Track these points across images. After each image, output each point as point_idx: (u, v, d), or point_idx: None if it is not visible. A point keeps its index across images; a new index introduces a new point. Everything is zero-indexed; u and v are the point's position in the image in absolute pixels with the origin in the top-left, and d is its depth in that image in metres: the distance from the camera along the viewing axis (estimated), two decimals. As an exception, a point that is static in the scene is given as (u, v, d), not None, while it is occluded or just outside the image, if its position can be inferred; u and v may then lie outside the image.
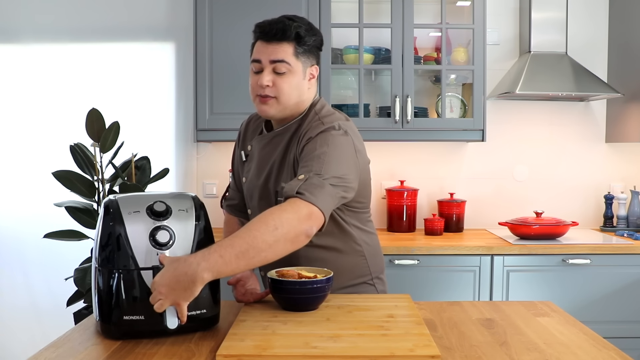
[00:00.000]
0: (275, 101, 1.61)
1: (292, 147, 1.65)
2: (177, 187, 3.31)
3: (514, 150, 3.37)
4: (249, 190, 1.77)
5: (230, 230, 1.86)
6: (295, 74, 1.61)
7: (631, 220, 3.20)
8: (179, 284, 1.24)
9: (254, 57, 1.64)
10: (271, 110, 1.62)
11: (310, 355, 1.18)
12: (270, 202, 1.66)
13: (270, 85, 1.59)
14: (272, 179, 1.67)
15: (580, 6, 3.32)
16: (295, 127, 1.67)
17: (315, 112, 1.67)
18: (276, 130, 1.70)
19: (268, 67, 1.60)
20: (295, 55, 1.60)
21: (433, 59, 3.16)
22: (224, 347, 1.22)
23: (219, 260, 1.26)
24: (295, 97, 1.62)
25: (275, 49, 1.59)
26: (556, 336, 1.39)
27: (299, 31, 1.59)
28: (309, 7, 2.95)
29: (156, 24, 3.26)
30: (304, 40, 1.61)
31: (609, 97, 3.15)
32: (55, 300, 2.99)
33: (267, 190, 1.68)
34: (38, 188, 3.16)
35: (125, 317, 1.31)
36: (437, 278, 2.73)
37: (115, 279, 1.31)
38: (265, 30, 1.60)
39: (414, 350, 1.20)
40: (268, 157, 1.70)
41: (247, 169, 1.77)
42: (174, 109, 3.29)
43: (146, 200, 1.38)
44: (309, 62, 1.64)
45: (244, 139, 1.83)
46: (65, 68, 3.26)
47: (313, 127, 1.61)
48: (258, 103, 1.63)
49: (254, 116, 1.84)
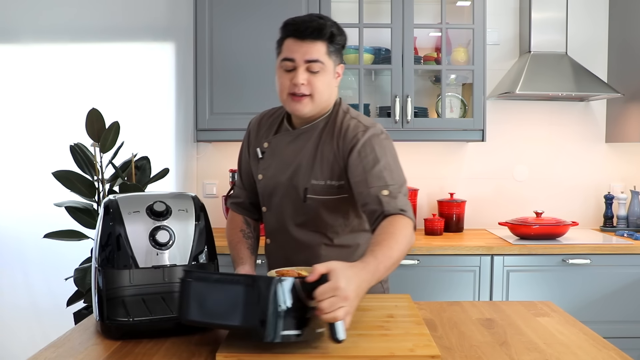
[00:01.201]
0: (310, 100, 1.61)
1: (322, 144, 1.66)
2: (177, 187, 3.30)
3: (514, 150, 3.37)
4: (267, 187, 1.74)
5: (235, 227, 1.82)
6: (327, 72, 1.62)
7: (631, 220, 3.20)
8: (362, 291, 1.23)
9: (286, 55, 1.61)
10: (305, 109, 1.62)
11: (310, 355, 1.18)
12: (296, 199, 1.67)
13: (305, 84, 1.59)
14: (301, 176, 1.67)
15: (580, 6, 3.32)
16: (322, 125, 1.68)
17: (344, 111, 1.70)
18: (303, 127, 1.70)
19: (302, 66, 1.59)
20: (327, 54, 1.61)
21: (433, 59, 3.16)
22: (224, 347, 1.22)
23: (381, 273, 1.31)
24: (327, 95, 1.64)
25: (309, 48, 1.59)
26: (556, 336, 1.39)
27: (332, 30, 1.61)
28: (309, 7, 2.95)
29: (156, 24, 3.26)
30: (336, 40, 1.62)
31: (609, 97, 3.15)
32: (55, 300, 2.99)
33: (294, 187, 1.68)
34: (38, 188, 3.16)
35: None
36: (437, 278, 2.73)
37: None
38: (300, 28, 1.59)
39: (414, 350, 1.20)
40: (294, 153, 1.69)
41: (264, 166, 1.75)
42: (174, 109, 3.29)
43: (146, 200, 1.38)
44: (337, 61, 1.66)
45: (257, 136, 1.80)
46: (65, 68, 3.26)
47: (353, 127, 1.63)
48: (290, 102, 1.62)
49: (265, 114, 1.84)
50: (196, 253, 1.39)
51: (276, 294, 1.15)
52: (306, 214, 1.68)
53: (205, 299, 1.20)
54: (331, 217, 1.68)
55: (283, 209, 1.71)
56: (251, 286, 1.17)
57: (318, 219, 1.68)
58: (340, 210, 1.68)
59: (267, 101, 2.97)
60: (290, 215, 1.71)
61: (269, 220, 1.78)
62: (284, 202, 1.70)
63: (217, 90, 2.98)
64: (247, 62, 2.97)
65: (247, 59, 2.97)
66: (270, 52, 2.99)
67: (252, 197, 1.85)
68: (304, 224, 1.70)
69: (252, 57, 2.96)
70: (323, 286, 1.16)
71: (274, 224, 1.76)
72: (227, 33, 2.97)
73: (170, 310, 1.40)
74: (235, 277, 1.23)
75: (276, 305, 1.15)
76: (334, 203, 1.66)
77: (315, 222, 1.69)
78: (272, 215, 1.76)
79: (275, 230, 1.76)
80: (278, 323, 1.15)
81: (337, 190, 1.65)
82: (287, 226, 1.72)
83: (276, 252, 1.78)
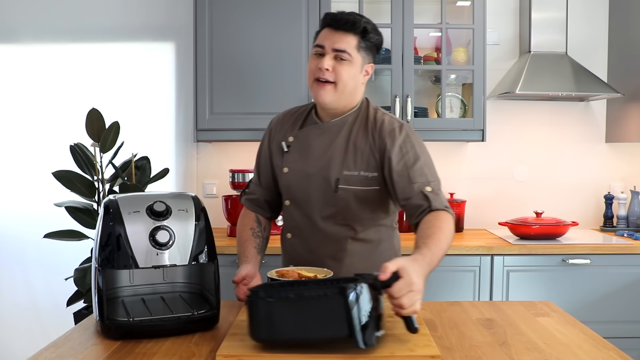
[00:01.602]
0: (333, 87, 1.66)
1: (354, 137, 1.71)
2: (177, 187, 3.30)
3: (514, 150, 3.37)
4: (294, 179, 1.76)
5: (246, 224, 1.83)
6: (354, 65, 1.67)
7: (631, 220, 3.20)
8: (425, 282, 1.31)
9: (318, 42, 1.68)
10: (328, 96, 1.67)
11: (310, 355, 1.18)
12: (326, 190, 1.70)
13: (329, 70, 1.64)
14: (333, 167, 1.70)
15: (580, 6, 3.32)
16: (352, 119, 1.73)
17: (374, 108, 1.77)
18: (332, 121, 1.74)
19: (330, 54, 1.65)
20: (357, 48, 1.66)
21: (433, 59, 3.16)
22: (224, 347, 1.22)
23: (435, 264, 1.40)
24: (351, 86, 1.68)
25: (340, 38, 1.65)
26: (556, 336, 1.39)
27: (366, 26, 1.67)
28: (309, 7, 2.95)
29: (156, 24, 3.26)
30: (369, 37, 1.68)
31: (609, 97, 3.15)
32: (55, 300, 2.99)
33: (325, 178, 1.71)
34: (38, 188, 3.16)
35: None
36: (437, 278, 2.73)
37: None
38: (336, 18, 1.67)
39: (414, 350, 1.20)
40: (325, 146, 1.73)
41: (290, 159, 1.77)
42: (174, 109, 3.29)
43: (146, 200, 1.38)
44: (368, 59, 1.71)
45: (280, 132, 1.83)
46: (65, 68, 3.26)
47: (388, 121, 1.71)
48: (316, 87, 1.68)
49: (287, 112, 1.88)
50: (196, 253, 1.39)
51: (360, 301, 1.17)
52: (335, 205, 1.71)
53: (285, 317, 1.19)
54: (360, 209, 1.72)
55: (311, 201, 1.74)
56: (331, 297, 1.18)
57: (347, 210, 1.71)
58: (369, 202, 1.72)
59: (267, 101, 2.99)
60: (319, 208, 1.73)
61: (292, 214, 1.79)
62: (313, 194, 1.73)
63: (217, 90, 2.98)
64: (247, 62, 2.97)
65: (247, 59, 2.97)
66: (270, 52, 3.01)
67: (267, 195, 1.87)
68: (332, 216, 1.73)
69: (252, 57, 2.96)
70: (398, 283, 1.22)
71: (299, 217, 1.77)
72: (227, 33, 2.97)
73: (170, 310, 1.40)
74: (311, 289, 1.22)
75: (364, 311, 1.17)
76: (364, 194, 1.70)
77: (344, 214, 1.72)
78: (297, 208, 1.77)
79: (299, 224, 1.77)
80: (369, 327, 1.18)
81: (370, 181, 1.70)
82: (314, 218, 1.74)
83: (299, 247, 1.78)
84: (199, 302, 1.46)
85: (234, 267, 1.72)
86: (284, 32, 2.96)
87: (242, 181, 2.98)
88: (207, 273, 1.46)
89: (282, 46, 2.96)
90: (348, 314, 1.16)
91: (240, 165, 3.24)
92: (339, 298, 1.16)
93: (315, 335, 1.19)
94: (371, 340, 1.18)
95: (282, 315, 1.19)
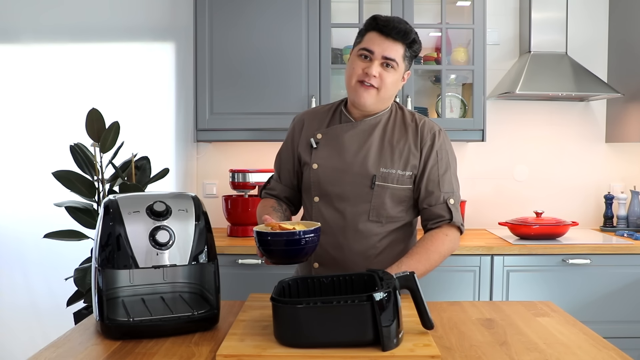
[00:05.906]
0: (376, 92, 1.70)
1: (390, 136, 1.76)
2: (177, 187, 3.30)
3: (514, 150, 3.37)
4: (324, 175, 1.77)
5: (266, 205, 1.83)
6: (398, 73, 1.72)
7: (631, 220, 3.20)
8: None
9: (367, 45, 1.69)
10: (370, 99, 1.71)
11: (310, 355, 1.18)
12: (361, 186, 1.73)
13: (376, 77, 1.68)
14: (370, 163, 1.73)
15: (580, 6, 3.32)
16: (385, 118, 1.78)
17: (409, 110, 1.84)
18: (367, 119, 1.78)
19: (379, 60, 1.68)
20: (403, 57, 1.71)
21: (433, 59, 3.16)
22: (224, 347, 1.22)
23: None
24: (391, 92, 1.74)
25: (390, 46, 1.68)
26: (556, 336, 1.39)
27: (414, 37, 1.71)
28: (309, 7, 2.95)
29: (156, 24, 3.26)
30: (414, 47, 1.72)
31: (609, 97, 3.15)
32: (55, 300, 3.00)
33: (360, 174, 1.73)
34: (38, 188, 3.16)
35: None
36: (437, 278, 2.73)
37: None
38: (388, 25, 1.68)
39: (414, 350, 1.20)
40: (359, 143, 1.76)
41: (320, 156, 1.78)
42: (174, 109, 3.29)
43: (146, 200, 1.38)
44: (407, 67, 1.75)
45: (307, 129, 1.84)
46: (65, 68, 3.26)
47: (428, 123, 1.78)
48: (358, 88, 1.70)
49: (309, 111, 1.91)
50: (196, 253, 1.39)
51: (385, 306, 1.20)
52: (369, 202, 1.73)
53: (310, 322, 1.21)
54: (393, 207, 1.74)
55: (343, 197, 1.74)
56: (358, 305, 1.20)
57: (381, 207, 1.73)
58: (402, 200, 1.75)
59: (267, 101, 2.99)
60: (351, 203, 1.74)
61: (321, 211, 1.78)
62: (346, 190, 1.74)
63: (217, 90, 2.98)
64: (247, 62, 2.97)
65: (247, 59, 2.97)
66: (270, 52, 3.01)
67: (287, 192, 1.89)
68: (366, 212, 1.73)
69: (252, 57, 2.96)
70: None
71: (329, 213, 1.76)
72: (227, 33, 2.97)
73: (170, 310, 1.40)
74: (340, 297, 1.23)
75: (389, 315, 1.20)
76: (399, 192, 1.74)
77: (378, 211, 1.73)
78: (328, 204, 1.77)
79: (328, 219, 1.76)
80: (392, 331, 1.20)
81: (407, 180, 1.74)
82: (345, 214, 1.74)
83: (326, 244, 1.75)
84: (199, 302, 1.46)
85: (234, 267, 1.72)
86: (284, 32, 2.96)
87: (242, 181, 2.98)
88: (207, 273, 1.46)
89: (282, 46, 2.96)
90: (374, 319, 1.19)
91: (240, 165, 3.24)
92: (366, 305, 1.19)
93: (340, 339, 1.20)
94: (394, 343, 1.20)
95: (308, 320, 1.20)
